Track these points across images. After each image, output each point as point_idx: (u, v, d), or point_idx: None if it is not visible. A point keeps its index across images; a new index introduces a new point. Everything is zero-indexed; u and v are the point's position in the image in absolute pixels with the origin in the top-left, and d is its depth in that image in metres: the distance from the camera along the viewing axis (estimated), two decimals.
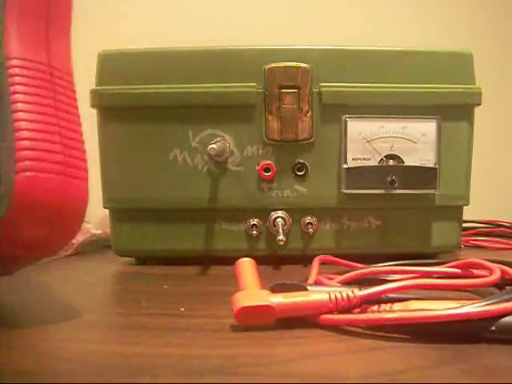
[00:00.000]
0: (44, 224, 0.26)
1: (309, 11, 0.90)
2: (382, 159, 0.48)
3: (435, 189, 0.49)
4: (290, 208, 0.50)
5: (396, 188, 0.48)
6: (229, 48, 0.49)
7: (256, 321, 0.28)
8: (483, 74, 0.53)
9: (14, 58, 0.26)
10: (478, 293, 0.35)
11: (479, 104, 0.50)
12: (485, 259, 0.36)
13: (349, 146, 0.48)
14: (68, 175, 0.27)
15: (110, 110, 0.49)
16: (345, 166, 0.48)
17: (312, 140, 0.49)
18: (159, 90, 0.48)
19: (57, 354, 0.25)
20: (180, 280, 0.43)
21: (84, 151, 0.29)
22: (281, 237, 0.47)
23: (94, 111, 0.50)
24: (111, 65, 0.49)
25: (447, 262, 0.38)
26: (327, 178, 0.49)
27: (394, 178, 0.48)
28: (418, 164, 0.48)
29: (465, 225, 0.59)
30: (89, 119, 0.38)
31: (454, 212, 0.52)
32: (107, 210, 0.51)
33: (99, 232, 0.59)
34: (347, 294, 0.28)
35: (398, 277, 0.36)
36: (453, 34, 0.91)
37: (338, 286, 0.32)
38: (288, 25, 0.88)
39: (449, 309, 0.26)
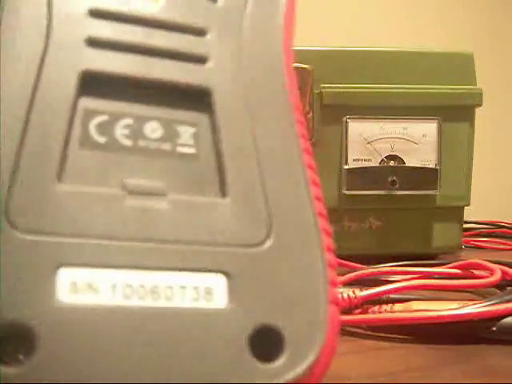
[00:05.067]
0: None
1: (309, 12, 0.90)
2: (382, 160, 0.48)
3: (436, 189, 0.49)
4: None
5: (397, 189, 0.48)
6: None
7: None
8: (483, 74, 0.53)
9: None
10: (478, 293, 0.35)
11: (480, 105, 0.50)
12: (485, 260, 0.36)
13: (350, 146, 0.48)
14: None
15: None
16: (345, 166, 0.48)
17: (313, 141, 0.49)
18: None
19: None
20: None
21: None
22: None
23: None
24: None
25: (448, 263, 0.38)
26: (328, 179, 0.49)
27: (394, 178, 0.48)
28: (419, 165, 0.48)
29: (465, 225, 0.59)
30: None
31: (454, 213, 0.52)
32: None
33: None
34: (348, 295, 0.28)
35: (398, 277, 0.36)
36: (453, 35, 0.91)
37: (339, 287, 0.32)
38: None
39: (450, 309, 0.26)
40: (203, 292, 0.15)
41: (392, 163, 0.48)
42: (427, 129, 0.49)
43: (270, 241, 0.16)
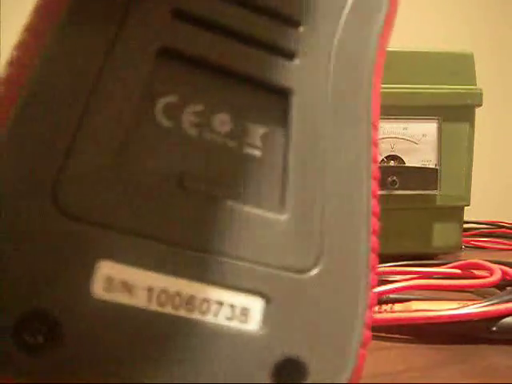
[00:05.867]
0: None
1: None
2: (382, 160, 0.48)
3: (436, 189, 0.49)
4: None
5: (397, 189, 0.48)
6: None
7: None
8: (483, 74, 0.53)
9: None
10: (478, 293, 0.35)
11: (480, 105, 0.50)
12: (485, 260, 0.36)
13: None
14: None
15: None
16: None
17: None
18: None
19: None
20: None
21: None
22: None
23: None
24: None
25: (448, 263, 0.38)
26: None
27: (394, 178, 0.48)
28: (419, 165, 0.48)
29: (465, 225, 0.59)
30: None
31: (454, 212, 0.52)
32: None
33: None
34: None
35: (398, 277, 0.36)
36: (453, 35, 0.91)
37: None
38: None
39: (450, 309, 0.26)
40: (239, 312, 0.14)
41: (392, 163, 0.48)
42: (427, 129, 0.49)
43: (317, 269, 0.15)
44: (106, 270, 0.13)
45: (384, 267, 0.39)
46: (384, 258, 0.44)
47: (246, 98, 0.16)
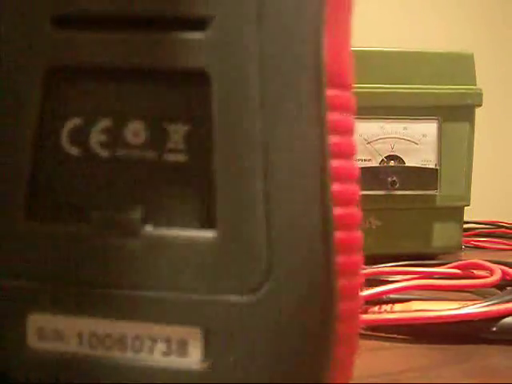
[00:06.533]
0: None
1: None
2: (382, 160, 0.48)
3: (436, 189, 0.49)
4: None
5: (397, 189, 0.48)
6: None
7: None
8: (483, 74, 0.53)
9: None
10: (478, 293, 0.35)
11: (480, 105, 0.50)
12: (485, 260, 0.36)
13: None
14: None
15: None
16: None
17: None
18: None
19: None
20: None
21: None
22: None
23: None
24: None
25: (448, 263, 0.38)
26: None
27: (394, 178, 0.48)
28: (419, 165, 0.48)
29: (465, 225, 0.59)
30: None
31: (454, 213, 0.52)
32: None
33: None
34: None
35: (398, 277, 0.36)
36: (453, 35, 0.91)
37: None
38: None
39: (450, 309, 0.26)
40: (175, 346, 0.13)
41: (392, 163, 0.48)
42: (427, 129, 0.49)
43: (266, 287, 0.13)
44: (37, 321, 0.13)
45: (384, 267, 0.39)
46: (384, 258, 0.44)
47: (160, 96, 0.13)
